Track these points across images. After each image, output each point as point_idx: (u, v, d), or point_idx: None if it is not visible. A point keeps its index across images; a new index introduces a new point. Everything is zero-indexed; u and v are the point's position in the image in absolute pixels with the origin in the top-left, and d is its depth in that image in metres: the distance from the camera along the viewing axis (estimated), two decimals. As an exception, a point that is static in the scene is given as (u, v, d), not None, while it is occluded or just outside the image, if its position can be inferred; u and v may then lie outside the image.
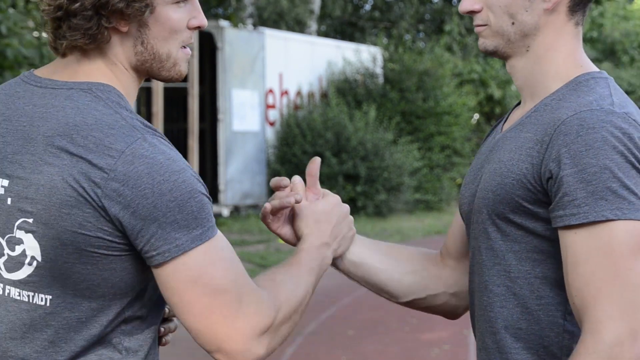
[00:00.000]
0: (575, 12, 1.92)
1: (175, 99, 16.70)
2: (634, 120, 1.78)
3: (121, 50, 1.82)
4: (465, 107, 19.57)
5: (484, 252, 1.93)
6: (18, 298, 1.74)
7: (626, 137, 1.75)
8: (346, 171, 16.20)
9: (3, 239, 1.74)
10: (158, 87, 14.04)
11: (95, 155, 1.67)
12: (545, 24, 1.91)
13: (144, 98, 16.49)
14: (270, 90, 16.91)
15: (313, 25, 21.13)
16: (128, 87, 1.85)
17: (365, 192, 16.30)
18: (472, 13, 1.98)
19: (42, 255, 1.71)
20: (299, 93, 17.64)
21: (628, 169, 1.74)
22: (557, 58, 1.93)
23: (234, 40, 15.60)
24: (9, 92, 1.83)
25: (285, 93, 17.33)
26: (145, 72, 1.87)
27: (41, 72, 1.84)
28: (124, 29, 1.79)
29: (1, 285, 1.75)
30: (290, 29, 19.88)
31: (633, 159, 1.75)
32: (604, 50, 23.86)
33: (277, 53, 16.98)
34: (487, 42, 1.97)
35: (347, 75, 18.53)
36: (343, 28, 25.25)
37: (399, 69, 18.59)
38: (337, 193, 14.93)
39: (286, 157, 16.36)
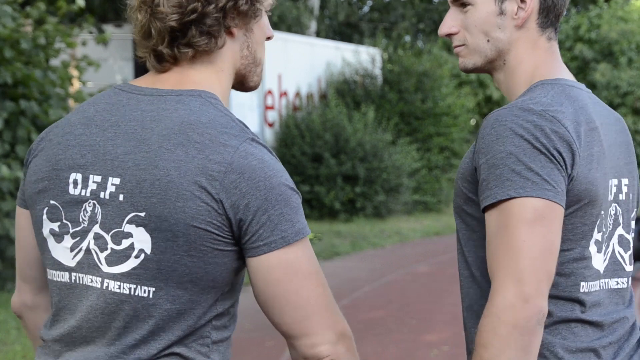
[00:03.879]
0: (545, 27, 2.10)
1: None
2: (553, 116, 1.94)
3: (230, 55, 1.91)
4: (464, 108, 19.57)
5: (457, 241, 2.13)
6: (118, 290, 1.81)
7: (537, 128, 1.92)
8: (345, 172, 16.20)
9: (108, 234, 1.81)
10: (157, 88, 14.02)
11: (211, 151, 1.77)
12: (517, 39, 2.09)
13: (143, 99, 16.48)
14: (269, 92, 16.91)
15: (312, 27, 21.12)
16: (226, 93, 1.95)
17: (364, 193, 16.30)
18: (449, 36, 2.15)
19: (152, 248, 1.78)
20: (297, 94, 17.64)
21: (535, 154, 1.90)
22: (526, 70, 2.10)
23: (233, 42, 15.58)
24: (109, 101, 1.89)
25: (284, 94, 17.33)
26: (240, 78, 1.97)
27: (139, 82, 1.91)
28: (236, 33, 1.90)
29: (99, 279, 1.82)
30: (290, 30, 19.87)
31: (540, 146, 1.91)
32: (602, 51, 23.85)
33: (276, 54, 16.98)
34: (465, 60, 2.15)
35: (346, 77, 18.54)
36: (342, 29, 25.24)
37: (398, 70, 18.59)
38: (336, 194, 14.87)
39: (285, 159, 16.35)
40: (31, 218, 1.94)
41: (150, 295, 1.80)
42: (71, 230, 1.86)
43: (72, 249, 1.86)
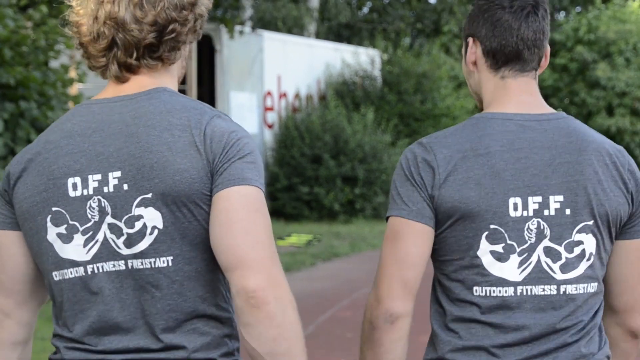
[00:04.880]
0: (497, 68, 2.34)
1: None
2: (431, 147, 2.28)
3: (179, 66, 2.19)
4: (464, 109, 19.58)
5: None
6: (141, 267, 2.05)
7: (413, 159, 2.29)
8: (344, 173, 16.20)
9: (121, 221, 2.05)
10: (156, 90, 14.02)
11: (192, 128, 2.04)
12: (478, 81, 2.38)
13: (142, 100, 16.48)
14: (269, 93, 16.92)
15: (312, 28, 21.12)
16: None
17: (363, 194, 16.31)
18: None
19: (163, 222, 2.04)
20: (297, 95, 17.65)
21: (404, 181, 2.29)
22: (484, 107, 2.38)
23: (233, 43, 15.61)
24: (83, 113, 2.13)
25: (283, 95, 17.33)
26: None
27: (102, 95, 2.15)
28: (183, 48, 2.16)
29: (122, 261, 2.07)
30: (290, 31, 19.87)
31: (408, 174, 2.28)
32: (600, 52, 23.85)
33: (275, 55, 16.98)
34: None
35: (345, 78, 18.54)
36: (341, 31, 25.25)
37: (397, 71, 18.59)
38: (335, 195, 14.79)
39: (284, 160, 16.36)
40: (28, 231, 2.13)
41: (170, 264, 2.05)
42: (81, 228, 2.08)
43: (85, 245, 2.08)
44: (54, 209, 2.09)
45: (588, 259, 2.26)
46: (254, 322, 1.96)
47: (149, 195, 2.04)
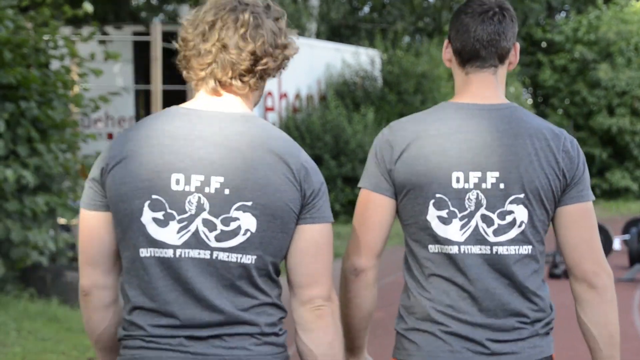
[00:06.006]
0: (463, 65, 2.77)
1: (174, 101, 16.54)
2: (396, 129, 2.75)
3: (258, 95, 2.58)
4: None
5: None
6: (226, 260, 2.45)
7: (380, 140, 2.76)
8: (345, 174, 16.20)
9: (217, 218, 2.43)
10: (157, 90, 14.02)
11: (287, 156, 2.48)
12: (454, 76, 2.82)
13: (143, 100, 16.48)
14: (269, 93, 16.92)
15: (312, 28, 21.11)
16: None
17: (364, 194, 16.29)
18: None
19: (256, 227, 2.45)
20: (297, 96, 17.65)
21: (372, 157, 2.77)
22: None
23: (233, 43, 15.57)
24: (181, 117, 2.48)
25: (284, 96, 17.34)
26: None
27: (196, 106, 2.51)
28: (267, 80, 2.56)
29: (208, 252, 2.45)
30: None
31: (375, 152, 2.76)
32: (600, 52, 23.87)
33: (275, 56, 16.94)
34: None
35: (345, 78, 18.54)
36: (340, 31, 25.24)
37: (397, 71, 18.59)
38: (336, 196, 14.70)
39: (285, 160, 16.34)
40: (121, 211, 2.47)
41: (253, 262, 2.46)
42: (177, 217, 2.44)
43: (178, 231, 2.44)
44: (154, 196, 2.44)
45: (519, 226, 2.70)
46: (316, 328, 2.50)
47: (249, 203, 2.44)
